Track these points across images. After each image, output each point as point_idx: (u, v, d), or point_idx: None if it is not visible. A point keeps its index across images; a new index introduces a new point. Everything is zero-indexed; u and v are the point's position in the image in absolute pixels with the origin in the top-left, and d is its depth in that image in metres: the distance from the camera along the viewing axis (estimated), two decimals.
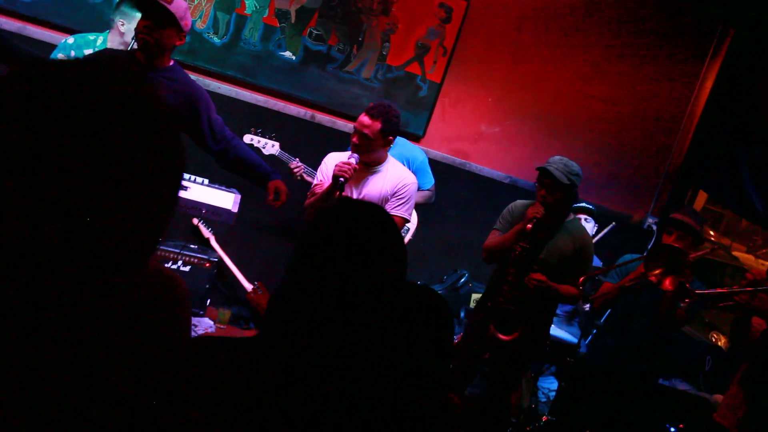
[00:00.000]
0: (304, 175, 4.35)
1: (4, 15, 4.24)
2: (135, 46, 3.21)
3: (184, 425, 1.00)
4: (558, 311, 4.80)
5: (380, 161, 3.56)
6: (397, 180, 3.56)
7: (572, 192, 3.55)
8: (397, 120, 3.48)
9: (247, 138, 4.40)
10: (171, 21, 3.04)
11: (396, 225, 1.37)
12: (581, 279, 3.66)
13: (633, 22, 5.38)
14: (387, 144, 3.50)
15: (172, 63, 3.27)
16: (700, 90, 5.59)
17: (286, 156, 4.42)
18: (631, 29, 5.40)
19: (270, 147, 4.44)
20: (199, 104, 3.32)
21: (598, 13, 5.30)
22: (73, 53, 3.99)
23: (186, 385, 1.06)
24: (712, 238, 5.97)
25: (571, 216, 3.74)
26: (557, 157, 3.60)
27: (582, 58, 5.37)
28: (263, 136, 4.43)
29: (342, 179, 3.37)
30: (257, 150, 4.39)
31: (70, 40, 4.04)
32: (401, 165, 3.71)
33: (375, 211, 1.37)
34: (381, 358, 1.26)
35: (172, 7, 3.02)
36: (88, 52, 3.95)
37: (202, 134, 3.36)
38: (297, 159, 4.40)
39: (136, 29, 3.09)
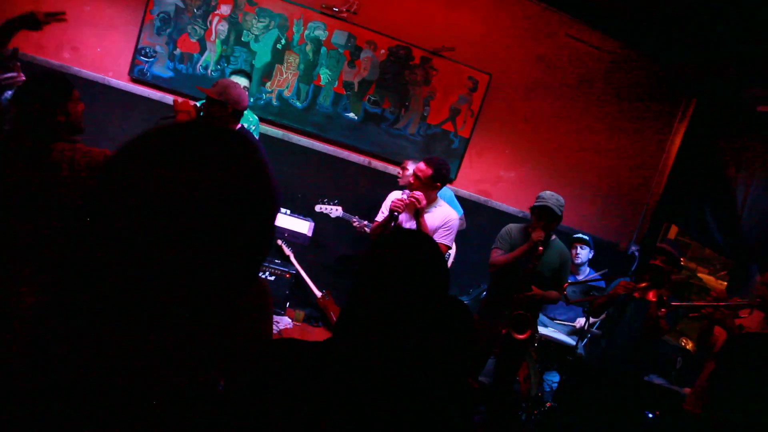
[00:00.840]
0: (365, 229, 4.60)
1: (150, 87, 4.68)
2: None
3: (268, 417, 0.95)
4: (562, 317, 4.94)
5: (431, 201, 3.71)
6: (444, 216, 3.75)
7: (561, 218, 3.74)
8: (446, 172, 3.70)
9: (317, 207, 4.65)
10: (213, 101, 3.27)
11: (440, 250, 1.48)
12: (565, 285, 3.81)
13: (617, 92, 5.55)
14: (435, 188, 3.68)
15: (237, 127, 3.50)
16: (671, 145, 5.74)
17: (347, 216, 4.67)
18: (615, 97, 5.57)
19: (335, 211, 4.67)
20: None
21: (589, 87, 5.51)
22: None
23: (270, 380, 1.03)
24: (682, 263, 5.94)
25: (553, 236, 3.87)
26: (549, 193, 3.73)
27: (578, 119, 5.55)
28: (329, 204, 4.66)
29: (396, 212, 3.64)
30: (326, 216, 4.64)
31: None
32: (448, 205, 3.89)
33: (423, 239, 1.38)
34: (420, 352, 1.26)
35: (211, 91, 3.26)
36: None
37: None
38: (356, 217, 4.66)
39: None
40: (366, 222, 4.63)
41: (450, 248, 3.95)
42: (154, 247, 0.63)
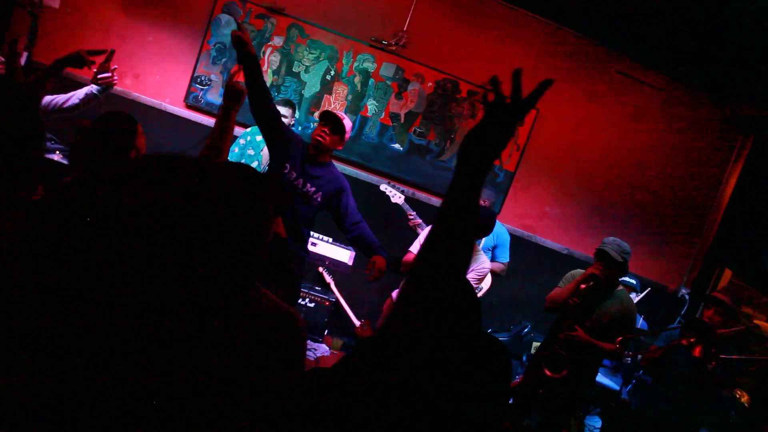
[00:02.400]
0: (418, 228, 4.61)
1: (203, 113, 4.87)
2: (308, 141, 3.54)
3: None
4: (606, 362, 4.77)
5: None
6: (480, 263, 3.78)
7: (624, 267, 3.60)
8: (490, 225, 3.69)
9: (383, 186, 4.76)
10: (341, 130, 3.37)
11: (472, 289, 1.49)
12: (619, 339, 3.55)
13: (669, 128, 5.44)
14: (476, 237, 3.69)
15: (329, 160, 3.54)
16: (726, 185, 5.57)
17: (407, 207, 4.71)
18: (668, 134, 5.46)
19: (397, 197, 4.74)
20: (342, 195, 3.51)
21: (640, 123, 5.42)
22: (248, 138, 4.53)
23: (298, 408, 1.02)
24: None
25: (620, 286, 3.73)
26: (611, 239, 3.64)
27: (627, 155, 5.46)
28: (393, 188, 4.76)
29: None
30: (387, 197, 4.73)
31: (248, 129, 4.58)
32: (485, 255, 3.88)
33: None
34: (452, 391, 1.26)
35: (344, 121, 3.38)
36: (258, 137, 4.46)
37: (339, 216, 3.56)
38: (415, 213, 4.68)
39: (314, 131, 3.43)
40: (420, 221, 4.61)
41: (480, 288, 3.93)
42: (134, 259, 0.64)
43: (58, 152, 4.22)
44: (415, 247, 3.91)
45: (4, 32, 4.55)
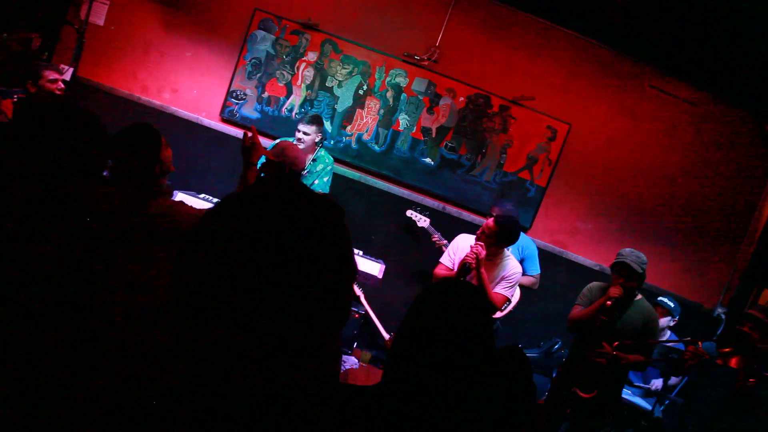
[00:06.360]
0: (443, 247, 4.62)
1: (238, 127, 4.96)
2: None
3: None
4: (638, 382, 4.70)
5: (498, 254, 3.75)
6: (510, 269, 3.77)
7: (643, 277, 3.60)
8: (513, 236, 3.70)
9: (409, 212, 4.88)
10: (272, 162, 3.11)
11: (488, 306, 1.49)
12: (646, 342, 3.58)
13: (705, 144, 5.36)
14: (500, 246, 3.70)
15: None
16: (764, 202, 5.42)
17: (432, 230, 4.81)
18: (703, 150, 5.37)
19: (422, 221, 4.83)
20: None
21: (675, 139, 5.36)
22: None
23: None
24: None
25: (639, 296, 3.71)
26: (628, 250, 3.62)
27: (661, 171, 5.39)
28: (419, 213, 4.88)
29: (468, 266, 3.63)
30: (414, 222, 4.84)
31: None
32: (514, 258, 3.88)
33: (470, 291, 1.41)
34: (472, 403, 1.27)
35: (270, 153, 3.15)
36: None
37: None
38: (440, 234, 4.79)
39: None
40: (445, 241, 4.68)
41: (509, 300, 3.97)
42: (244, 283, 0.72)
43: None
44: (444, 259, 3.95)
45: (54, 49, 4.77)
